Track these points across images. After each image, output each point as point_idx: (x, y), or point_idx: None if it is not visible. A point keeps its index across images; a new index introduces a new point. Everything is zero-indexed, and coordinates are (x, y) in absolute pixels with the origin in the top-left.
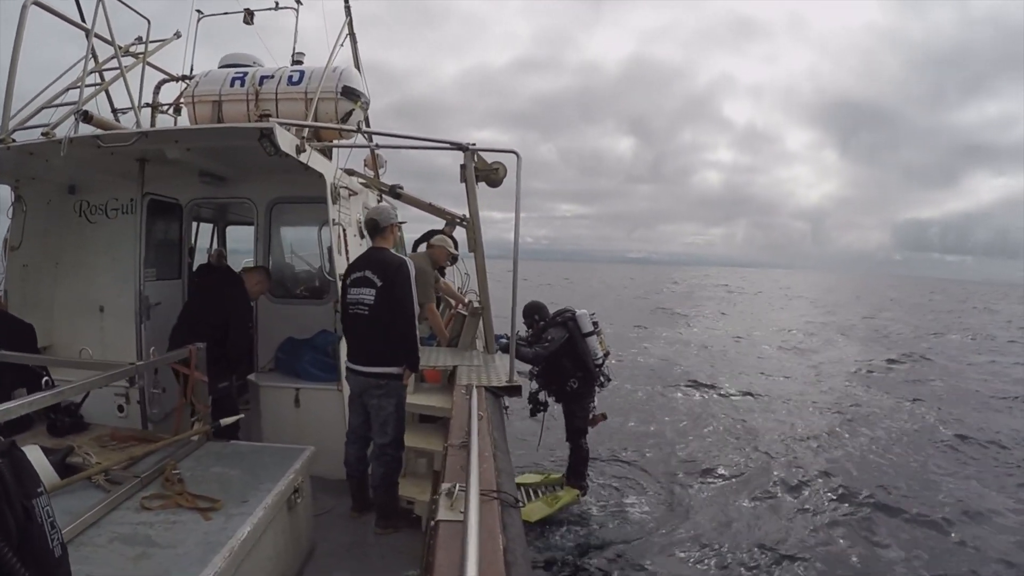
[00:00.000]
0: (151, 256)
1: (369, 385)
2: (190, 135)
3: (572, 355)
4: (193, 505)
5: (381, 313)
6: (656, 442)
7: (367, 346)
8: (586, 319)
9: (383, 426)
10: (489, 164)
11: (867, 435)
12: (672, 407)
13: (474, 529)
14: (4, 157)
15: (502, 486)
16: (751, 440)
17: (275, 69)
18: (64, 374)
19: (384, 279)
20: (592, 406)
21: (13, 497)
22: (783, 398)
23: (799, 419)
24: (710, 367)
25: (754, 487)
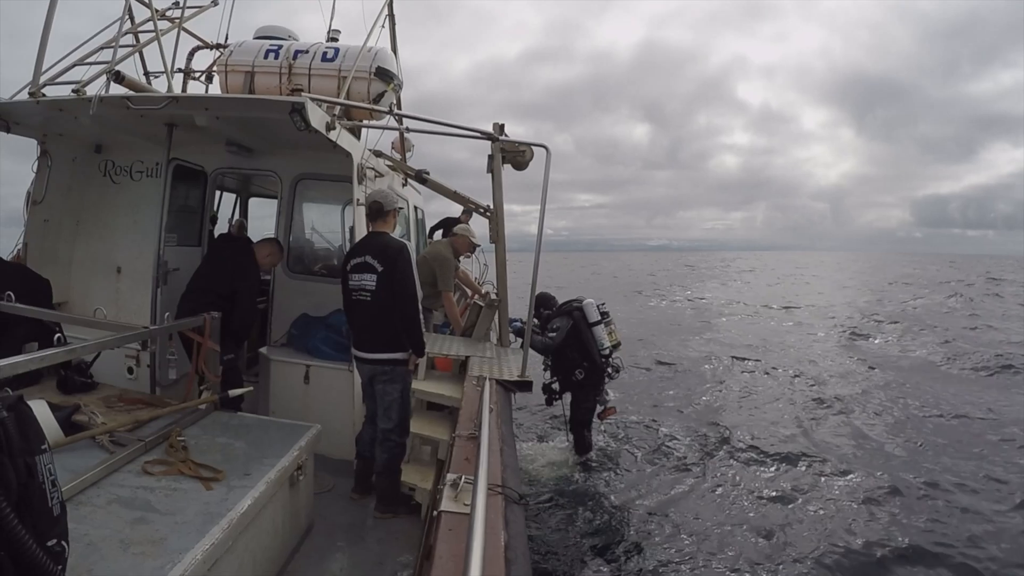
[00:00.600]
0: (172, 221)
1: (375, 372)
2: (221, 103)
3: (577, 345)
4: (195, 474)
5: (383, 298)
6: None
7: (371, 333)
8: (592, 308)
9: (387, 411)
10: (517, 146)
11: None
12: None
13: (480, 523)
14: (33, 111)
15: (507, 481)
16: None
17: (310, 44)
18: (77, 332)
19: (385, 264)
20: (606, 398)
21: (16, 452)
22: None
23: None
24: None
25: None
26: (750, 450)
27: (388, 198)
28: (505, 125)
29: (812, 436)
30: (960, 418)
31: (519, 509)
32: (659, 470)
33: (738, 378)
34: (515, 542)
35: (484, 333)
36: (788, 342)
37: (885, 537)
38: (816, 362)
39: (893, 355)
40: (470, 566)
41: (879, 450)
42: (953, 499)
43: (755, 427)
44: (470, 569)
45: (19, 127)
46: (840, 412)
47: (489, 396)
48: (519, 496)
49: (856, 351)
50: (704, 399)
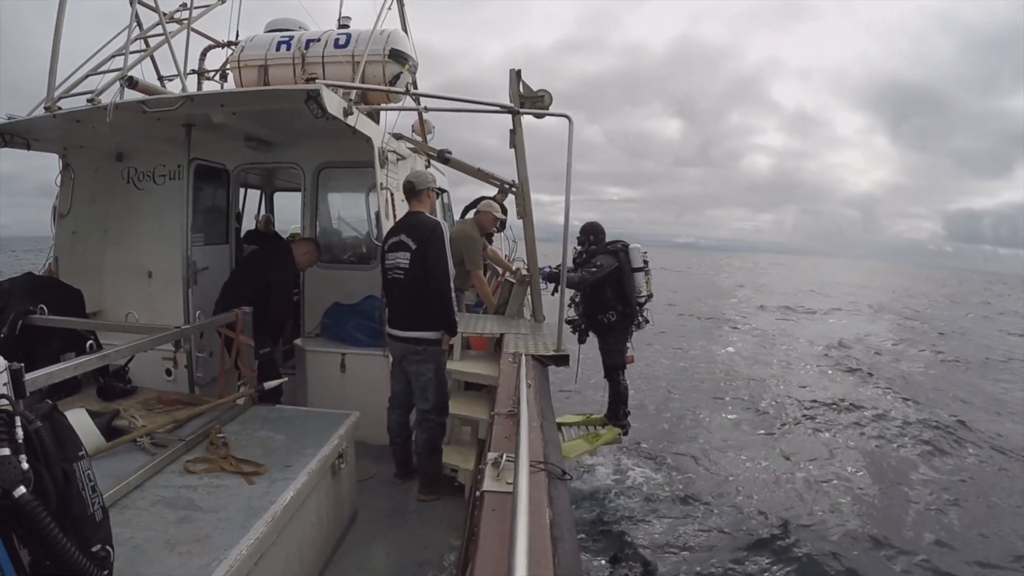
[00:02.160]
0: (198, 221)
1: (408, 351)
2: (235, 98)
3: (616, 286)
4: (237, 469)
5: (417, 276)
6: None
7: (404, 311)
8: (637, 254)
9: (423, 391)
10: (534, 91)
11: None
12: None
13: (524, 501)
14: (51, 125)
15: (549, 457)
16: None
17: (321, 32)
18: (112, 338)
19: (418, 242)
20: (628, 346)
21: (52, 461)
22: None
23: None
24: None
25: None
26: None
27: (421, 177)
28: (521, 71)
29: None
30: None
31: (563, 485)
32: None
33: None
34: (560, 519)
35: (517, 309)
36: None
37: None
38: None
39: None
40: (515, 545)
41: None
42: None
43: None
44: (515, 548)
45: (39, 143)
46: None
47: (526, 372)
48: (562, 472)
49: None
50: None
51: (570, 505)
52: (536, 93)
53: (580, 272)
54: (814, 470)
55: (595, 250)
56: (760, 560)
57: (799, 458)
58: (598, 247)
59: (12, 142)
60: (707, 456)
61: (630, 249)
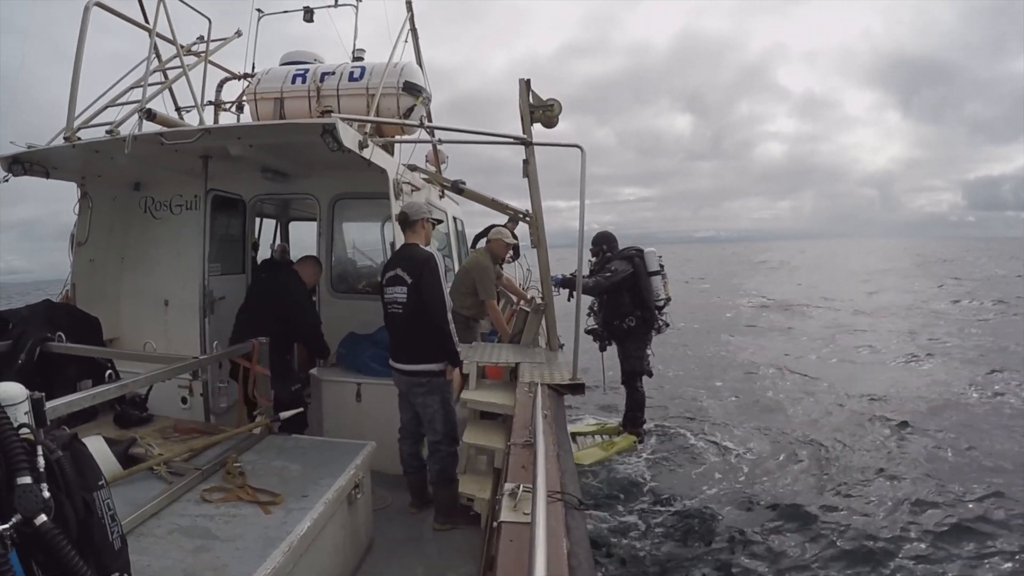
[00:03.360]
0: (215, 251)
1: (412, 384)
2: (253, 131)
3: (634, 291)
4: (253, 499)
5: (414, 310)
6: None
7: (405, 344)
8: (653, 258)
9: (431, 423)
10: (544, 101)
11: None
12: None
13: (541, 532)
14: (70, 155)
15: (566, 487)
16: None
17: (336, 65)
18: (129, 366)
19: (413, 275)
20: (648, 353)
21: (73, 490)
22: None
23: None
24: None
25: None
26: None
27: (414, 207)
28: (531, 80)
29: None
30: None
31: (579, 514)
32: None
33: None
34: (577, 548)
35: (532, 338)
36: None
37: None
38: None
39: None
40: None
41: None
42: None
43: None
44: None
45: (58, 172)
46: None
47: (542, 402)
48: (579, 501)
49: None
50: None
51: (587, 535)
52: (546, 102)
53: (595, 278)
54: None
55: (609, 256)
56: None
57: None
58: (612, 254)
59: (32, 170)
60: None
61: (645, 254)
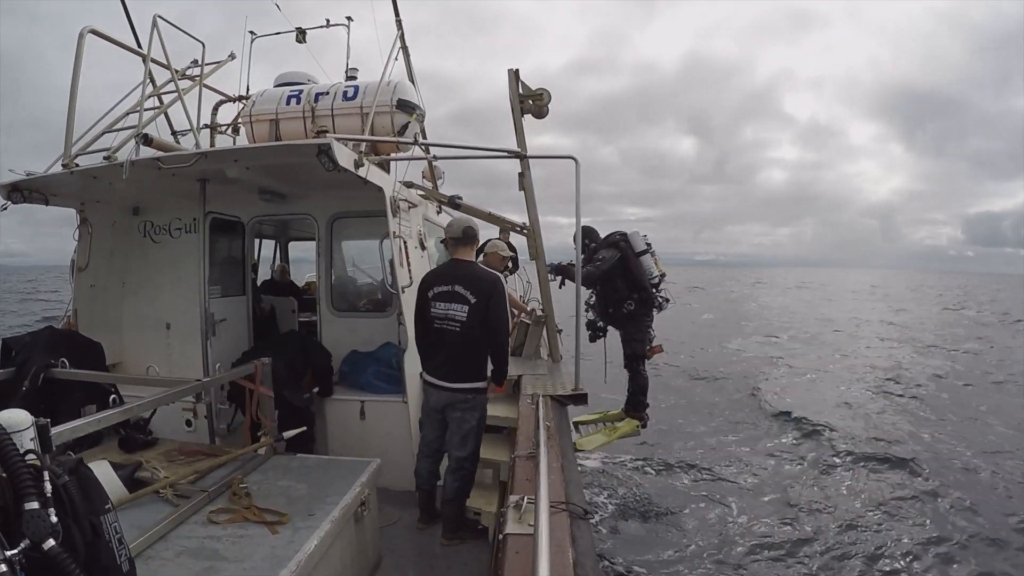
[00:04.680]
0: (215, 273)
1: (455, 400)
2: (249, 154)
3: (626, 275)
4: (260, 519)
5: (475, 329)
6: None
7: (458, 363)
8: (638, 238)
9: (464, 439)
10: (533, 90)
11: None
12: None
13: (545, 543)
14: (68, 181)
15: (570, 497)
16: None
17: (330, 85)
18: (132, 390)
19: (479, 295)
20: (650, 333)
21: (80, 514)
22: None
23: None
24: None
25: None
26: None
27: (476, 225)
28: (519, 70)
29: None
30: None
31: (585, 524)
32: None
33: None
34: (583, 559)
35: (534, 350)
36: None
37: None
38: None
39: None
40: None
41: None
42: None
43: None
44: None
45: (57, 198)
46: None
47: (544, 414)
48: (584, 511)
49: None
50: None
51: (593, 544)
52: (535, 92)
53: (585, 268)
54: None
55: (595, 247)
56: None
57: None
58: (597, 244)
59: (31, 198)
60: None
61: (630, 236)
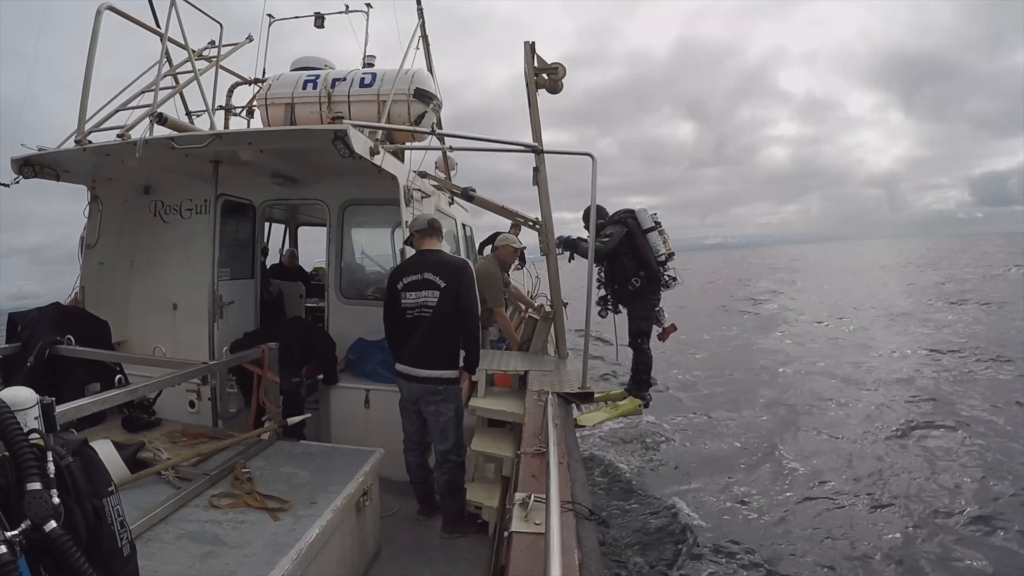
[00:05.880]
0: (224, 256)
1: (427, 391)
2: (264, 137)
3: (632, 252)
4: (262, 505)
5: (446, 315)
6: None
7: (427, 350)
8: (646, 215)
9: (443, 432)
10: (548, 64)
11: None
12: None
13: (556, 543)
14: (81, 158)
15: (576, 496)
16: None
17: (347, 72)
18: (138, 370)
19: (448, 280)
20: (660, 312)
21: (83, 496)
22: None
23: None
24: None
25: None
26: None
27: (439, 221)
28: (536, 43)
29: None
30: None
31: (591, 525)
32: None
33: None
34: (589, 559)
35: (541, 346)
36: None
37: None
38: None
39: None
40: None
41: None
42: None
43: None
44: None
45: (68, 175)
46: None
47: (554, 412)
48: (590, 512)
49: None
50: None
51: (598, 545)
52: (550, 66)
53: (595, 243)
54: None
55: (602, 224)
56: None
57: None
58: (604, 221)
59: (42, 172)
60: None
61: (637, 212)
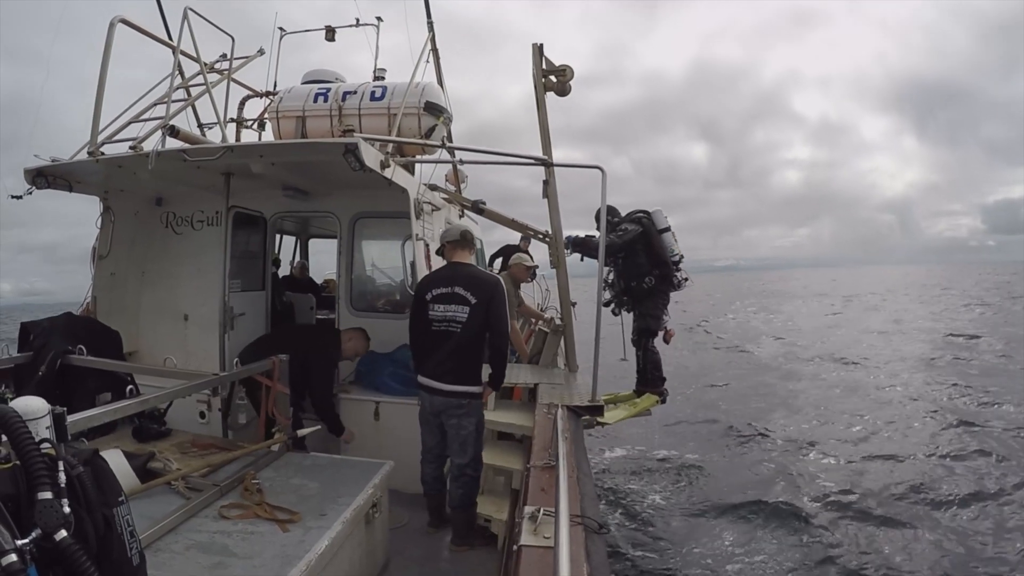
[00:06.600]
0: (235, 267)
1: (450, 405)
2: (275, 150)
3: (648, 250)
4: (271, 516)
5: (475, 331)
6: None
7: (455, 365)
8: (661, 216)
9: (463, 446)
10: (556, 66)
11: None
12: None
13: (565, 558)
14: (93, 169)
15: (585, 510)
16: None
17: (358, 85)
18: (148, 380)
19: (480, 297)
20: (665, 317)
21: (94, 506)
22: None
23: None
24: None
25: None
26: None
27: (471, 232)
28: (544, 45)
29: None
30: None
31: (600, 539)
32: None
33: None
34: (598, 573)
35: (551, 359)
36: None
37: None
38: None
39: None
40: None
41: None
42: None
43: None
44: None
45: (81, 185)
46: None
47: (563, 425)
48: (599, 525)
49: None
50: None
51: (607, 559)
52: (558, 68)
53: (608, 238)
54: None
55: (616, 222)
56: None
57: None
58: (619, 220)
59: (55, 183)
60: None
61: (652, 213)
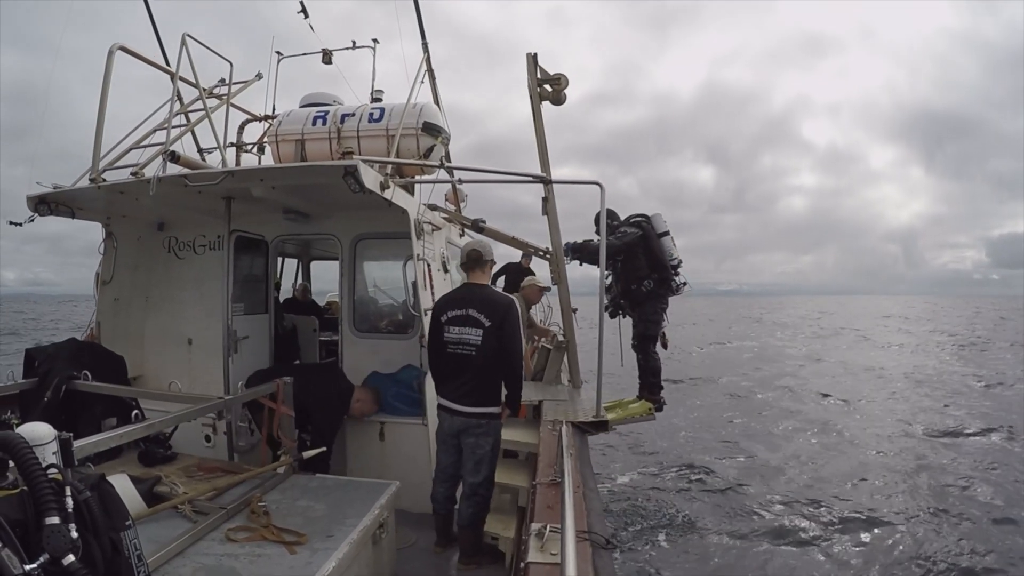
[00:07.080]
0: (238, 291)
1: (469, 425)
2: (275, 173)
3: (648, 254)
4: (278, 538)
5: (489, 354)
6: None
7: (471, 386)
8: (660, 220)
9: (478, 465)
10: (551, 75)
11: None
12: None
13: (572, 574)
14: (95, 196)
15: (592, 526)
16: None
17: (356, 107)
18: (154, 404)
19: (493, 319)
20: (664, 322)
21: (101, 530)
22: None
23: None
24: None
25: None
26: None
27: (486, 246)
28: (538, 55)
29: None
30: None
31: (607, 554)
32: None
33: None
34: None
35: (555, 375)
36: None
37: None
38: None
39: None
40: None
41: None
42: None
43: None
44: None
45: (83, 212)
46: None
47: (568, 441)
48: (606, 541)
49: None
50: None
51: (615, 573)
52: (552, 76)
53: (608, 239)
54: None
55: (616, 225)
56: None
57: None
58: (619, 223)
59: (58, 210)
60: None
61: (652, 217)
